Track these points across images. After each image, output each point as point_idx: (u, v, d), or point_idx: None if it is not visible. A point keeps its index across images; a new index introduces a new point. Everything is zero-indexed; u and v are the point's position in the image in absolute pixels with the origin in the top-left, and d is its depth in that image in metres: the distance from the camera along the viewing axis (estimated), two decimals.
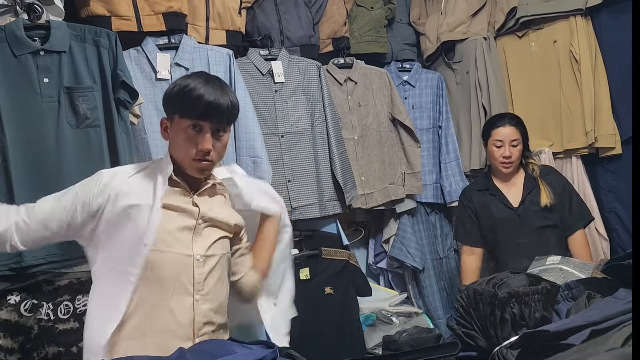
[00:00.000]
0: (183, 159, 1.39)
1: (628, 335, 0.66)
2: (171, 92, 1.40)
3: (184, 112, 1.36)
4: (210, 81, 1.39)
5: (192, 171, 1.40)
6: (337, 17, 2.81)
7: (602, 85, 2.70)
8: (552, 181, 2.33)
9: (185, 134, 1.36)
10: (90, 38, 1.89)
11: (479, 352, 1.25)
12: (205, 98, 1.34)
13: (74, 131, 1.83)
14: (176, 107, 1.38)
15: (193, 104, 1.34)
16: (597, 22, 2.73)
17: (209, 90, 1.36)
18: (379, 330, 2.53)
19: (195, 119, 1.35)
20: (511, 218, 2.33)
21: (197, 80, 1.38)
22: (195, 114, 1.35)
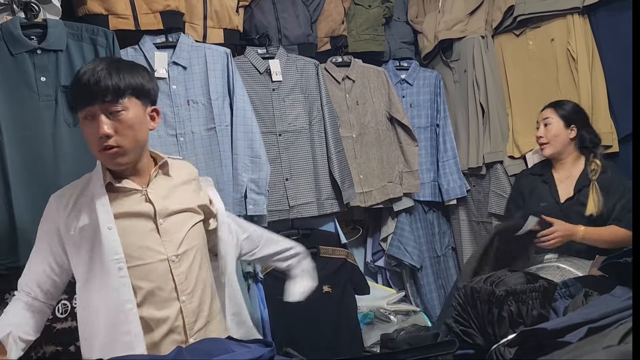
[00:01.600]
0: (95, 155, 1.30)
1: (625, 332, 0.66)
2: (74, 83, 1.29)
3: (75, 105, 1.28)
4: (100, 62, 1.29)
5: (108, 164, 1.31)
6: (334, 15, 2.81)
7: (599, 84, 2.70)
8: (609, 183, 2.16)
9: (84, 127, 1.28)
10: (88, 37, 1.89)
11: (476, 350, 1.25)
12: (83, 82, 1.24)
13: (71, 130, 1.83)
14: (72, 100, 1.29)
15: (76, 93, 1.26)
16: (595, 21, 2.72)
17: (89, 73, 1.25)
18: (377, 329, 2.54)
19: (83, 107, 1.25)
20: (553, 209, 2.21)
21: (85, 67, 1.28)
22: (80, 102, 1.26)
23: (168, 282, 1.33)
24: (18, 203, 1.73)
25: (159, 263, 1.32)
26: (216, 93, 2.22)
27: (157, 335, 1.31)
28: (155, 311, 1.31)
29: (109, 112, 1.26)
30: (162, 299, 1.32)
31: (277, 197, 2.41)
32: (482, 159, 2.96)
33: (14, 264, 1.73)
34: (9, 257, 1.72)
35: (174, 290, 1.33)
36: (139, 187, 1.35)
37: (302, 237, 2.51)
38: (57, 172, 1.79)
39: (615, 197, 2.14)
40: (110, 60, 1.32)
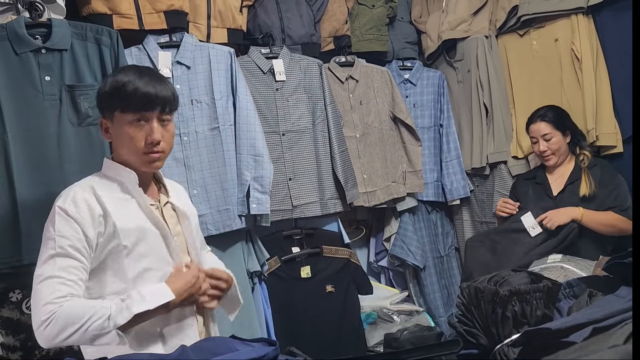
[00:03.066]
0: (132, 154, 1.34)
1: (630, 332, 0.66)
2: (105, 90, 1.34)
3: (125, 106, 1.32)
4: (145, 72, 1.36)
5: (143, 166, 1.36)
6: (338, 15, 2.81)
7: (603, 84, 2.69)
8: (599, 173, 2.32)
9: (130, 127, 1.32)
10: (92, 36, 1.89)
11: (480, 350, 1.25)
12: (146, 89, 1.31)
13: (75, 129, 1.83)
14: (115, 104, 1.33)
15: (134, 97, 1.31)
16: (599, 21, 2.72)
17: (146, 81, 1.33)
18: (380, 329, 2.54)
19: (140, 111, 1.32)
20: (548, 206, 2.35)
21: (130, 73, 1.34)
22: (138, 105, 1.31)
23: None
24: (22, 202, 1.73)
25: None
26: (220, 93, 2.22)
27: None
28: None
29: (161, 120, 1.35)
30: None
31: (280, 196, 2.42)
32: (486, 159, 2.95)
33: (18, 262, 1.73)
34: (13, 255, 1.73)
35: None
36: (154, 202, 1.42)
37: (305, 237, 2.52)
38: (61, 171, 1.79)
39: (608, 188, 2.28)
40: (156, 72, 1.42)
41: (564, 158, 2.42)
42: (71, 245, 1.23)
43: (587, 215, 2.22)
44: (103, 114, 1.39)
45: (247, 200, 2.24)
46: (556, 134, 2.39)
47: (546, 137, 2.39)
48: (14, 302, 1.75)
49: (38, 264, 1.25)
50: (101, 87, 1.38)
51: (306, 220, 2.53)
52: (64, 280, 1.20)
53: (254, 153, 2.26)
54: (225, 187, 2.21)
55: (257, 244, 2.36)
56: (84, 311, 1.17)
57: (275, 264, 2.41)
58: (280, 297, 2.39)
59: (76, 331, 1.15)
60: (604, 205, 2.27)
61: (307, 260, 2.48)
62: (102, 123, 1.39)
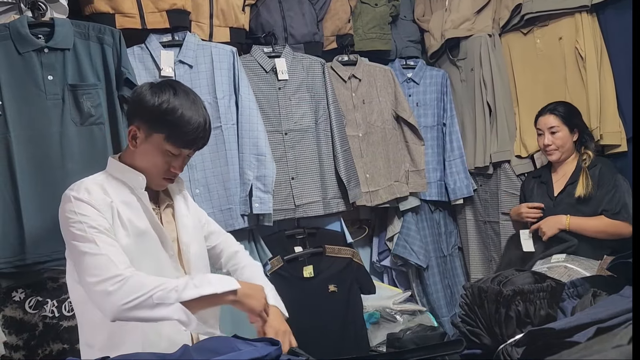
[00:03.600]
0: (151, 174, 1.35)
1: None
2: (157, 109, 1.29)
3: (173, 137, 1.31)
4: (195, 102, 1.34)
5: (154, 185, 1.39)
6: (341, 14, 2.80)
7: (607, 83, 2.68)
8: (599, 174, 2.31)
9: (164, 155, 1.32)
10: (94, 35, 1.90)
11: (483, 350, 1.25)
12: (196, 127, 1.31)
13: (78, 128, 1.84)
14: (163, 128, 1.30)
15: (184, 133, 1.30)
16: (603, 19, 2.70)
17: (196, 115, 1.32)
18: (383, 328, 2.53)
19: (182, 147, 1.33)
20: (548, 206, 2.37)
21: (185, 101, 1.31)
22: (183, 143, 1.32)
23: None
24: (25, 201, 1.74)
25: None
26: (222, 92, 2.22)
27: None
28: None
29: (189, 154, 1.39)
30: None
31: (283, 195, 2.41)
32: (489, 158, 2.94)
33: (22, 262, 1.73)
34: (16, 255, 1.73)
35: None
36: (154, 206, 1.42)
37: (308, 236, 2.52)
38: (64, 170, 1.80)
39: (605, 189, 2.27)
40: (197, 96, 1.38)
41: (567, 155, 2.40)
42: (100, 224, 1.25)
43: (574, 224, 2.25)
44: (135, 121, 1.34)
45: (249, 199, 2.23)
46: (563, 129, 2.37)
47: (552, 130, 2.37)
48: (17, 301, 1.76)
49: (72, 247, 1.25)
50: (153, 102, 1.30)
51: (309, 220, 2.53)
52: (117, 251, 1.23)
53: (256, 152, 2.26)
54: (228, 186, 2.21)
55: (259, 244, 2.36)
56: (151, 281, 1.18)
57: (278, 263, 2.40)
58: (283, 296, 2.37)
59: (143, 298, 1.14)
60: (600, 207, 2.27)
61: (310, 260, 2.48)
62: (132, 130, 1.34)
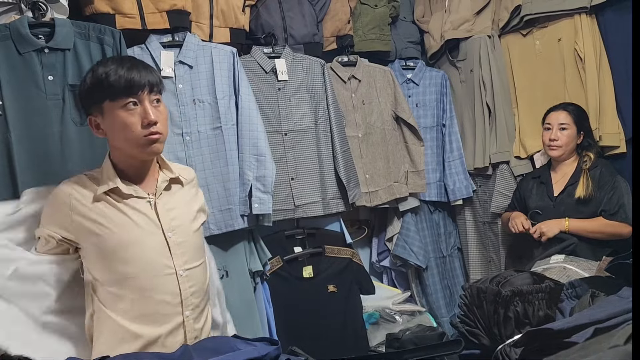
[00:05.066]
0: (131, 142, 1.33)
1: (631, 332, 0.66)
2: (88, 86, 1.34)
3: (113, 94, 1.31)
4: (125, 60, 1.37)
5: (144, 152, 1.35)
6: (340, 14, 2.81)
7: (606, 84, 2.68)
8: (599, 175, 2.33)
9: (124, 114, 1.31)
10: (95, 36, 1.89)
11: (482, 350, 1.25)
12: (131, 74, 1.31)
13: (78, 129, 1.83)
14: (102, 95, 1.32)
15: (119, 82, 1.30)
16: (602, 21, 2.71)
17: (128, 67, 1.33)
18: (382, 329, 2.53)
19: (129, 95, 1.31)
20: (547, 206, 2.40)
21: (109, 63, 1.34)
22: (126, 90, 1.31)
23: (174, 296, 1.34)
24: None
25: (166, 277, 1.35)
26: (222, 92, 2.23)
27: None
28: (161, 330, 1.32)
29: (151, 101, 1.34)
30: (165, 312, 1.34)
31: (282, 196, 2.42)
32: (489, 159, 2.95)
33: None
34: None
35: (180, 305, 1.34)
36: (146, 195, 1.39)
37: (307, 237, 2.52)
38: (64, 170, 1.79)
39: (604, 190, 2.29)
40: (136, 58, 1.39)
41: (568, 155, 2.43)
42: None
43: (573, 226, 2.27)
44: (90, 111, 1.37)
45: (249, 199, 2.24)
46: (572, 128, 2.40)
47: (562, 127, 2.41)
48: None
49: None
50: (82, 85, 1.36)
51: (308, 220, 2.53)
52: None
53: (256, 153, 2.26)
54: (228, 186, 2.21)
55: (259, 244, 2.36)
56: None
57: (278, 263, 2.41)
58: (282, 296, 2.39)
59: None
60: (599, 208, 2.29)
61: (309, 260, 2.48)
62: (92, 120, 1.37)
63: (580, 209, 2.30)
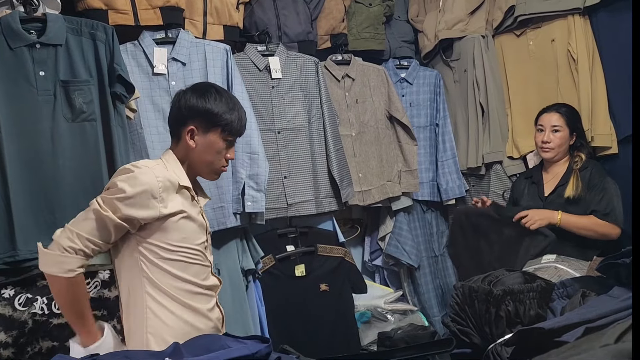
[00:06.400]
0: (211, 165, 1.57)
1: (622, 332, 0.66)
2: (216, 107, 1.53)
3: (229, 129, 1.54)
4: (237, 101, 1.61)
5: (213, 176, 1.61)
6: (335, 13, 2.80)
7: (599, 85, 2.69)
8: (589, 176, 2.33)
9: (221, 147, 1.55)
10: (87, 31, 1.88)
11: (473, 349, 1.26)
12: (243, 121, 1.59)
13: (69, 125, 1.82)
14: (219, 123, 1.53)
15: (237, 125, 1.57)
16: (595, 22, 2.72)
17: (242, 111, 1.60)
18: (374, 328, 2.53)
19: (234, 136, 1.58)
20: (537, 206, 2.38)
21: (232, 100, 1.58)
22: (236, 132, 1.58)
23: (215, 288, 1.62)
24: (16, 198, 1.72)
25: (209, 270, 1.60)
26: None
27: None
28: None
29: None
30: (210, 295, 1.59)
31: (275, 194, 2.41)
32: (482, 159, 2.95)
33: (12, 258, 1.72)
34: (7, 251, 1.72)
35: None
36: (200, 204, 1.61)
37: (300, 235, 2.52)
38: (55, 166, 1.79)
39: (594, 191, 2.30)
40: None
41: (561, 157, 2.43)
42: None
43: (565, 220, 2.25)
44: (198, 123, 1.53)
45: (242, 198, 2.23)
46: (564, 130, 2.40)
47: (554, 129, 2.40)
48: (7, 298, 1.74)
49: None
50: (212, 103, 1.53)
51: (301, 219, 2.52)
52: None
53: (249, 151, 2.25)
54: (220, 184, 2.20)
55: (251, 242, 2.36)
56: None
57: (270, 262, 2.40)
58: (275, 295, 2.39)
59: None
60: (589, 208, 2.28)
61: (302, 259, 2.48)
62: (190, 129, 1.53)
63: (569, 209, 2.30)
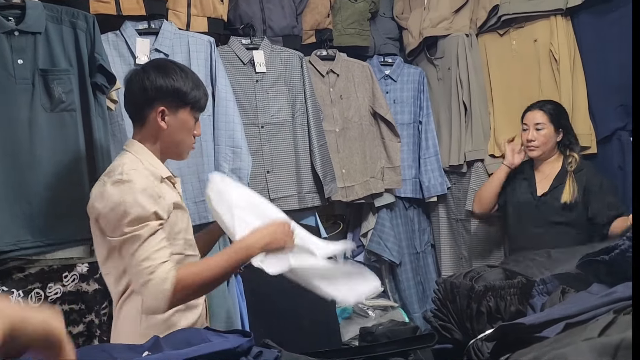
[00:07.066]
0: (181, 145, 1.50)
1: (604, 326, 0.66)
2: (184, 85, 1.46)
3: (196, 106, 1.50)
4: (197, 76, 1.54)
5: (184, 156, 1.55)
6: (320, 8, 2.79)
7: (579, 85, 2.73)
8: (585, 179, 2.32)
9: (191, 124, 1.50)
10: (67, 20, 1.84)
11: (454, 345, 1.26)
12: (207, 96, 1.54)
13: (48, 115, 1.78)
14: (189, 101, 1.47)
15: (204, 101, 1.52)
16: (577, 23, 2.75)
17: (203, 85, 1.54)
18: (355, 324, 2.54)
19: (199, 112, 1.52)
20: (530, 205, 2.39)
21: (195, 75, 1.52)
22: (203, 109, 1.53)
23: None
24: None
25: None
26: None
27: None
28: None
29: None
30: None
31: (258, 189, 2.39)
32: (464, 157, 2.97)
33: None
34: None
35: None
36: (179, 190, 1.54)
37: None
38: (32, 156, 1.75)
39: (593, 194, 2.28)
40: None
41: (548, 154, 2.42)
42: None
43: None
44: (167, 103, 1.45)
45: None
46: (548, 127, 2.39)
47: (538, 127, 2.39)
48: None
49: None
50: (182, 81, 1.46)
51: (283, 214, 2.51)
52: None
53: (232, 144, 2.23)
54: (202, 178, 2.18)
55: None
56: None
57: None
58: (256, 290, 2.37)
59: None
60: (589, 213, 2.27)
61: None
62: (159, 110, 1.44)
63: (565, 214, 2.31)
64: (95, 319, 1.88)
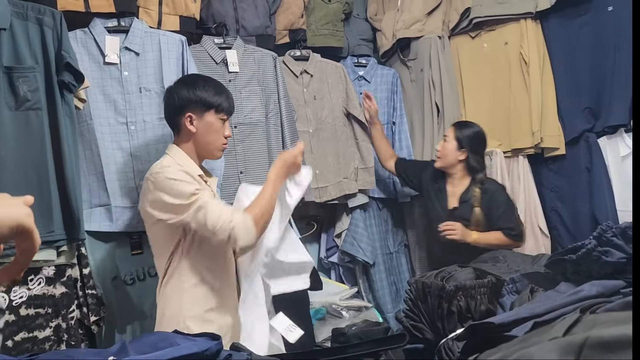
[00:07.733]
0: (213, 144, 1.75)
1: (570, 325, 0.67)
2: (206, 93, 1.71)
3: (221, 109, 1.73)
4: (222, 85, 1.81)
5: (217, 154, 1.78)
6: (294, 8, 2.78)
7: (549, 88, 2.78)
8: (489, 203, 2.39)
9: (217, 126, 1.74)
10: (33, 16, 1.79)
11: (426, 345, 1.26)
12: (231, 100, 1.78)
13: (13, 113, 1.73)
14: (212, 105, 1.72)
15: (227, 104, 1.75)
16: (546, 26, 2.81)
17: (227, 91, 1.78)
18: (329, 324, 2.53)
19: (227, 115, 1.76)
20: (443, 217, 2.44)
21: (219, 84, 1.78)
22: (228, 111, 1.76)
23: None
24: None
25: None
26: (170, 81, 2.13)
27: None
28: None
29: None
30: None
31: (231, 190, 2.37)
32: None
33: None
34: None
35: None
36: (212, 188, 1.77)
37: None
38: None
39: (496, 210, 2.38)
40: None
41: (450, 168, 2.48)
42: None
43: (479, 239, 2.34)
44: (192, 108, 1.71)
45: None
46: (452, 142, 2.45)
47: (445, 139, 2.50)
48: None
49: None
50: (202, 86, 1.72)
51: None
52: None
53: None
54: None
55: None
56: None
57: None
58: None
59: None
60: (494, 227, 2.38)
61: None
62: (187, 115, 1.71)
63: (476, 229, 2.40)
64: (62, 323, 1.83)
